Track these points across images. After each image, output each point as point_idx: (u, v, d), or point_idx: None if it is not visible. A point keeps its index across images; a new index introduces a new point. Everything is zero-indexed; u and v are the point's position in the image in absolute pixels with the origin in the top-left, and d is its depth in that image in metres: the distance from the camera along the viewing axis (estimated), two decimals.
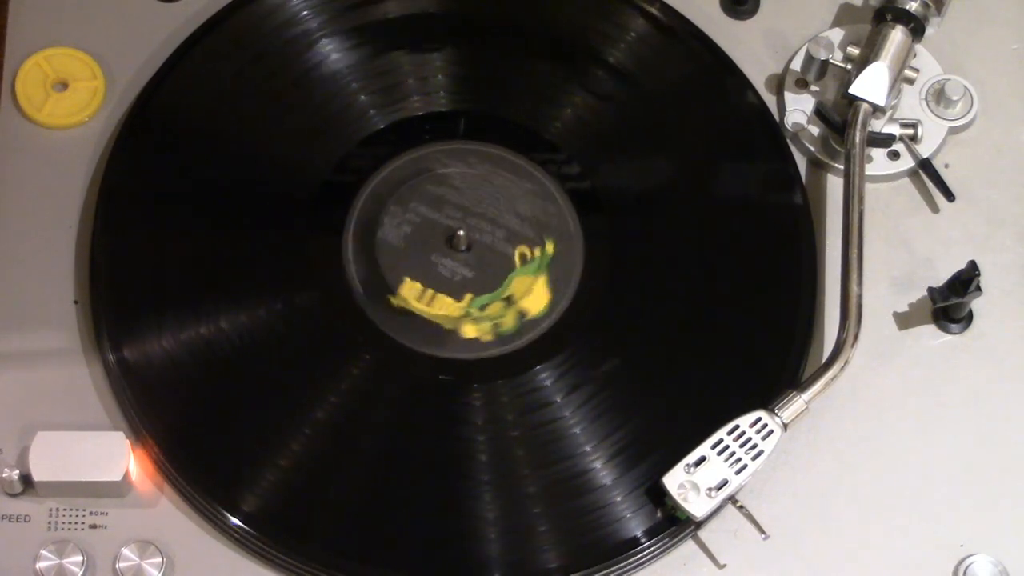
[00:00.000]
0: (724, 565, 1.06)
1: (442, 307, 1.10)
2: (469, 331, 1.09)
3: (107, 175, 1.12)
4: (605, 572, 1.05)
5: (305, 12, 1.17)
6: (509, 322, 1.09)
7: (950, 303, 1.10)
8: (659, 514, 1.05)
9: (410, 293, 1.10)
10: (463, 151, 1.15)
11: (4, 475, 1.03)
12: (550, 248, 1.11)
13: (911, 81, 1.15)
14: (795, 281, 1.12)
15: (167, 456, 1.05)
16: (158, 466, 1.06)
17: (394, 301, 1.10)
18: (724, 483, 1.04)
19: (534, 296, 1.10)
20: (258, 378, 1.08)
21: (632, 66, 1.17)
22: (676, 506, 1.04)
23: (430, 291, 1.10)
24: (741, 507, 1.05)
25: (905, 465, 1.09)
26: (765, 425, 1.05)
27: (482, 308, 1.10)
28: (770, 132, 1.16)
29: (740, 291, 1.12)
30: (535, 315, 1.10)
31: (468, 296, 1.10)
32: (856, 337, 1.07)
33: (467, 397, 1.08)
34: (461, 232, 1.11)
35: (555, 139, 1.15)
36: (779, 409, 1.06)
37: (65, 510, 1.05)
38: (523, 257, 1.11)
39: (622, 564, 1.05)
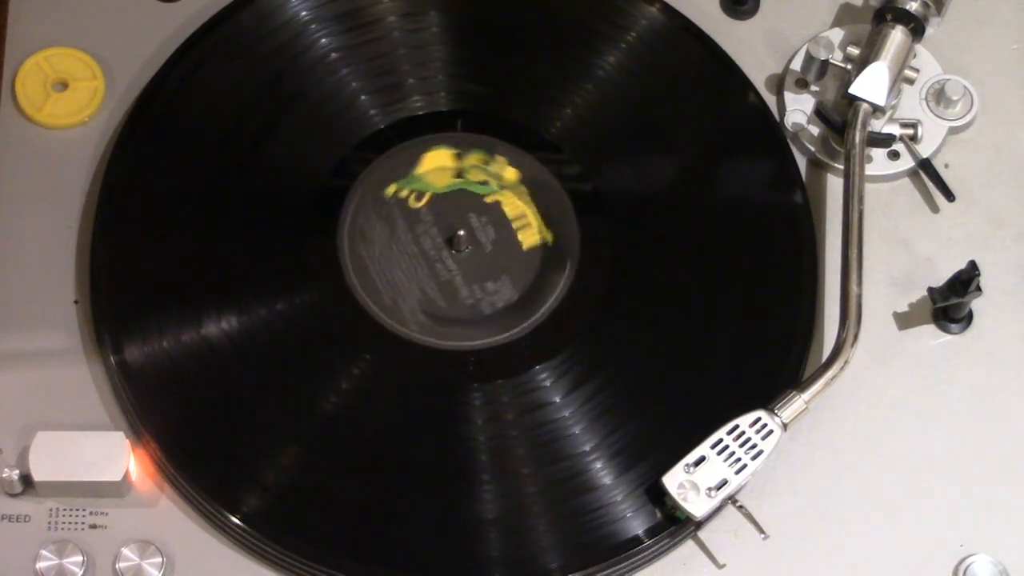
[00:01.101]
0: (724, 565, 1.06)
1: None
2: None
3: (107, 175, 1.12)
4: (605, 572, 1.05)
5: (305, 12, 1.17)
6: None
7: (950, 303, 1.10)
8: (659, 514, 1.05)
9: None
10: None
11: (4, 475, 1.03)
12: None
13: (911, 81, 1.15)
14: (795, 281, 1.12)
15: (167, 456, 1.05)
16: (158, 466, 1.06)
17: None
18: (724, 483, 1.04)
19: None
20: (258, 378, 1.08)
21: (632, 66, 1.17)
22: (676, 506, 1.04)
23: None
24: (741, 507, 1.05)
25: (905, 465, 1.09)
26: (765, 425, 1.05)
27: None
28: (770, 132, 1.16)
29: (740, 291, 1.12)
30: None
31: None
32: (856, 337, 1.07)
33: (467, 397, 1.08)
34: (461, 232, 1.11)
35: (555, 139, 1.15)
36: (779, 409, 1.06)
37: (65, 510, 1.05)
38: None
39: (622, 564, 1.05)
